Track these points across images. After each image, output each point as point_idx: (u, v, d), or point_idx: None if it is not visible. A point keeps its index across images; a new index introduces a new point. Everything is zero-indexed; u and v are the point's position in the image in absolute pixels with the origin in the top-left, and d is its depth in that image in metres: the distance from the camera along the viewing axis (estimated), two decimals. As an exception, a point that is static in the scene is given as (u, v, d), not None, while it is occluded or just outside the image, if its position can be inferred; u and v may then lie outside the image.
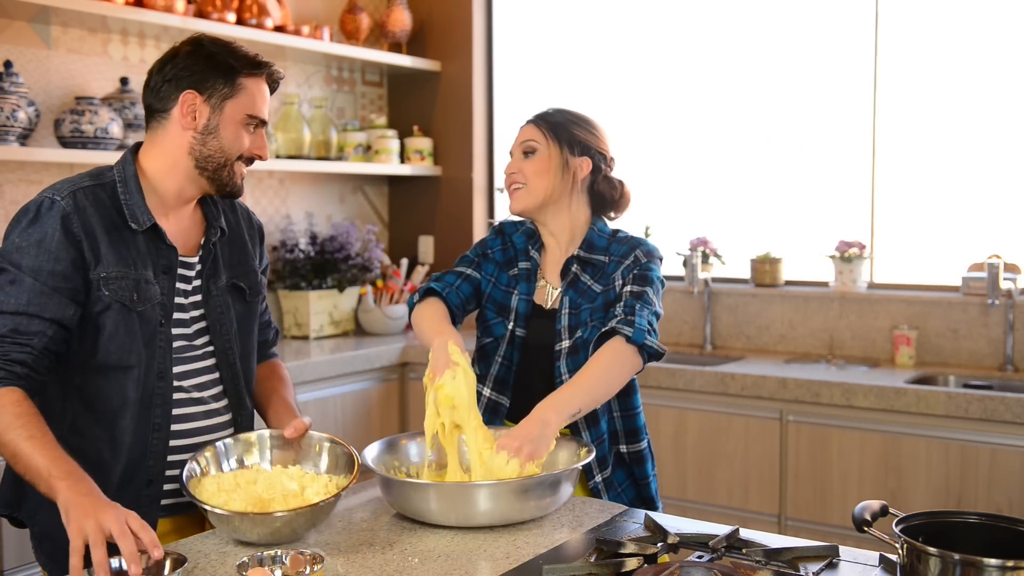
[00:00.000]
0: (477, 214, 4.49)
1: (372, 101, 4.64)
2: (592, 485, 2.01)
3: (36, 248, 1.69)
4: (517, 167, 2.04)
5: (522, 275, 2.09)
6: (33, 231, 1.70)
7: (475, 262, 2.13)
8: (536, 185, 2.01)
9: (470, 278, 2.10)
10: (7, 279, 1.69)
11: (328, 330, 4.12)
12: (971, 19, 3.58)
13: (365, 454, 1.83)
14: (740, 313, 3.94)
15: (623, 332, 1.88)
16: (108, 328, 1.73)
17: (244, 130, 1.84)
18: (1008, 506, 2.91)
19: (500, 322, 2.06)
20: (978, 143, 3.60)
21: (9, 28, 3.22)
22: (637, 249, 2.03)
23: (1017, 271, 3.42)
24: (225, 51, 1.83)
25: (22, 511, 1.81)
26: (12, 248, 1.71)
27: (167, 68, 1.82)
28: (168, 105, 1.82)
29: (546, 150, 2.02)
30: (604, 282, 2.02)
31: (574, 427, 1.99)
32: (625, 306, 1.94)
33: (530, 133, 2.04)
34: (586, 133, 2.04)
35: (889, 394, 3.09)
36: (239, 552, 1.57)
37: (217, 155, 1.83)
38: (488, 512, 1.65)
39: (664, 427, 3.46)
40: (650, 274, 2.01)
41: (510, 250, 2.13)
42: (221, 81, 1.81)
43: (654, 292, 1.98)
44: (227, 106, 1.82)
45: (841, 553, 1.55)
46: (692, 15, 4.12)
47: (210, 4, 3.59)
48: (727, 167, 4.09)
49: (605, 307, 2.00)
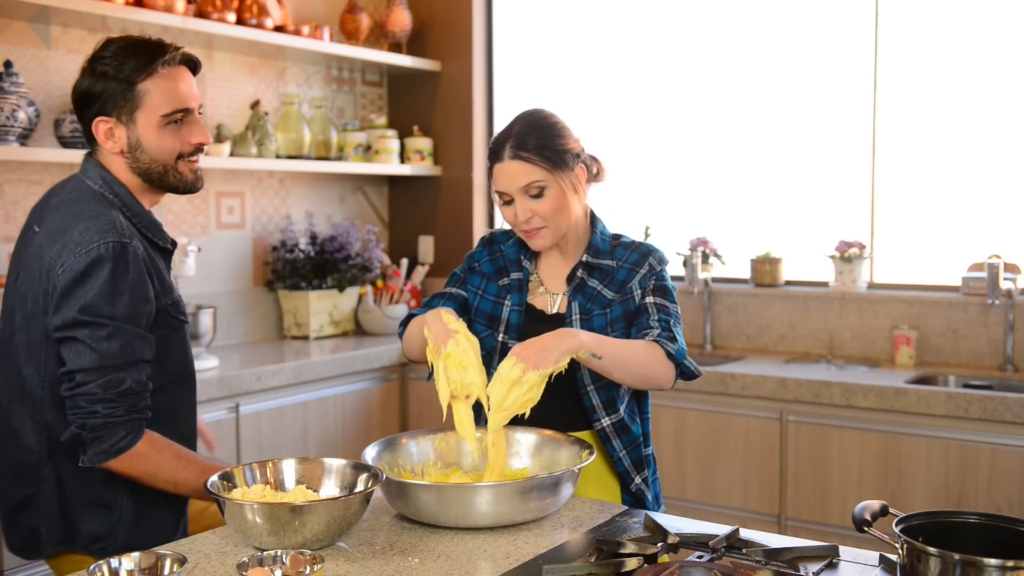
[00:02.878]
0: (477, 214, 4.49)
1: (372, 101, 4.64)
2: (635, 488, 2.00)
3: (128, 295, 1.74)
4: (530, 211, 1.92)
5: (513, 285, 2.05)
6: (118, 280, 1.73)
7: (461, 279, 2.10)
8: (559, 222, 1.95)
9: (454, 296, 2.07)
10: (104, 333, 1.72)
11: (328, 330, 4.12)
12: (971, 19, 3.58)
13: (364, 454, 1.83)
14: (740, 313, 3.94)
15: (667, 348, 1.87)
16: (176, 346, 1.86)
17: (166, 131, 1.83)
18: (1008, 506, 2.91)
19: (490, 334, 2.02)
20: (978, 143, 3.59)
21: (9, 28, 3.22)
22: (650, 257, 2.01)
23: (1017, 271, 3.42)
24: (115, 62, 1.79)
25: (75, 544, 1.87)
26: (100, 300, 1.72)
27: (78, 98, 1.83)
28: (89, 133, 1.85)
29: (554, 183, 1.92)
30: (616, 288, 2.00)
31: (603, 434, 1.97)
32: (660, 321, 1.92)
33: (527, 173, 1.90)
34: (565, 139, 1.95)
35: (889, 394, 3.09)
36: (239, 552, 1.57)
37: (154, 165, 1.84)
38: (489, 513, 1.65)
39: (664, 427, 3.46)
40: (667, 284, 2.01)
41: (500, 260, 2.09)
42: (120, 96, 1.79)
43: (673, 304, 1.98)
44: (138, 118, 1.81)
45: (841, 553, 1.55)
46: (692, 15, 4.12)
47: (210, 4, 3.59)
48: (727, 167, 4.09)
49: (626, 317, 1.98)
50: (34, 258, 1.81)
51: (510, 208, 1.95)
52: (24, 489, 1.86)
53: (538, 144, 1.91)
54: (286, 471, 1.75)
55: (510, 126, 1.97)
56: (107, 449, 1.75)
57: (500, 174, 1.94)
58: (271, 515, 1.52)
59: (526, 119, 1.96)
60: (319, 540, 1.55)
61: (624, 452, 2.00)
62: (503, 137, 1.95)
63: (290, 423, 3.44)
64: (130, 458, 1.77)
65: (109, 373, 1.73)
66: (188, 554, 1.55)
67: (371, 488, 1.61)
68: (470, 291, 2.08)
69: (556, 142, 1.93)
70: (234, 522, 1.56)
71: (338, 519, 1.55)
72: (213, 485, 1.63)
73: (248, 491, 1.68)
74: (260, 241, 4.10)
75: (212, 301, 3.81)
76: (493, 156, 1.96)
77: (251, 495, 1.66)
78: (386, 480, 1.70)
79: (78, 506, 1.85)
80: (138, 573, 1.37)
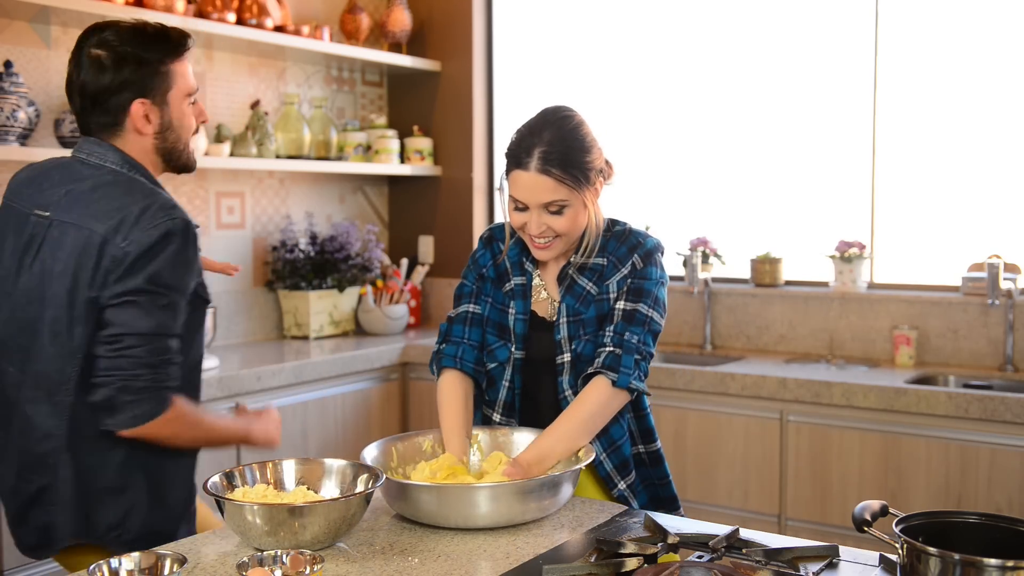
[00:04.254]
0: (477, 214, 4.49)
1: (372, 101, 4.64)
2: (617, 494, 1.96)
3: (185, 269, 1.84)
4: (545, 225, 1.86)
5: (517, 291, 1.99)
6: (181, 255, 1.83)
7: (475, 292, 2.03)
8: (571, 236, 1.90)
9: (475, 318, 2.01)
10: (163, 303, 1.81)
11: (328, 330, 4.12)
12: (971, 19, 3.58)
13: (364, 455, 1.83)
14: (740, 313, 3.94)
15: (608, 377, 1.84)
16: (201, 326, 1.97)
17: (190, 110, 1.96)
18: (1008, 506, 2.91)
19: (502, 345, 1.98)
20: (978, 144, 3.59)
21: (9, 28, 3.22)
22: (635, 253, 1.93)
23: (1017, 271, 3.42)
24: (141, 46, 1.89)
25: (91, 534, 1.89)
26: (167, 271, 1.81)
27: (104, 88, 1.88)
28: (118, 119, 1.91)
29: (577, 201, 1.85)
30: (600, 285, 1.94)
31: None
32: (614, 335, 1.87)
33: (552, 190, 1.82)
34: (593, 154, 1.87)
35: (889, 394, 3.09)
36: (239, 552, 1.57)
37: (179, 144, 1.96)
38: (489, 514, 1.65)
39: (664, 427, 3.46)
40: (646, 284, 1.91)
41: (501, 264, 2.03)
42: (159, 78, 1.90)
43: (650, 304, 1.90)
44: (170, 98, 1.92)
45: (841, 553, 1.55)
46: (692, 15, 4.12)
47: (210, 4, 3.59)
48: (727, 167, 4.09)
49: (598, 320, 1.93)
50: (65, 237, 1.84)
51: (522, 215, 1.87)
52: (38, 480, 1.86)
53: (569, 161, 1.82)
54: (286, 472, 1.75)
55: (538, 130, 1.85)
56: (142, 414, 1.79)
57: (522, 183, 1.84)
58: (271, 516, 1.51)
59: (556, 126, 1.85)
60: (319, 541, 1.55)
61: (605, 455, 1.95)
62: (530, 143, 1.83)
63: (290, 423, 3.43)
64: (166, 422, 1.82)
65: (158, 341, 1.80)
66: (188, 554, 1.55)
67: (371, 489, 1.61)
68: (483, 302, 2.03)
69: (585, 159, 1.85)
70: (233, 523, 1.55)
71: (338, 520, 1.55)
72: (213, 485, 1.63)
73: (250, 491, 1.68)
74: (260, 241, 4.10)
75: (212, 301, 3.80)
76: (515, 160, 1.85)
77: (253, 495, 1.65)
78: (386, 481, 1.70)
79: (95, 492, 1.86)
80: (138, 573, 1.37)
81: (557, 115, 1.88)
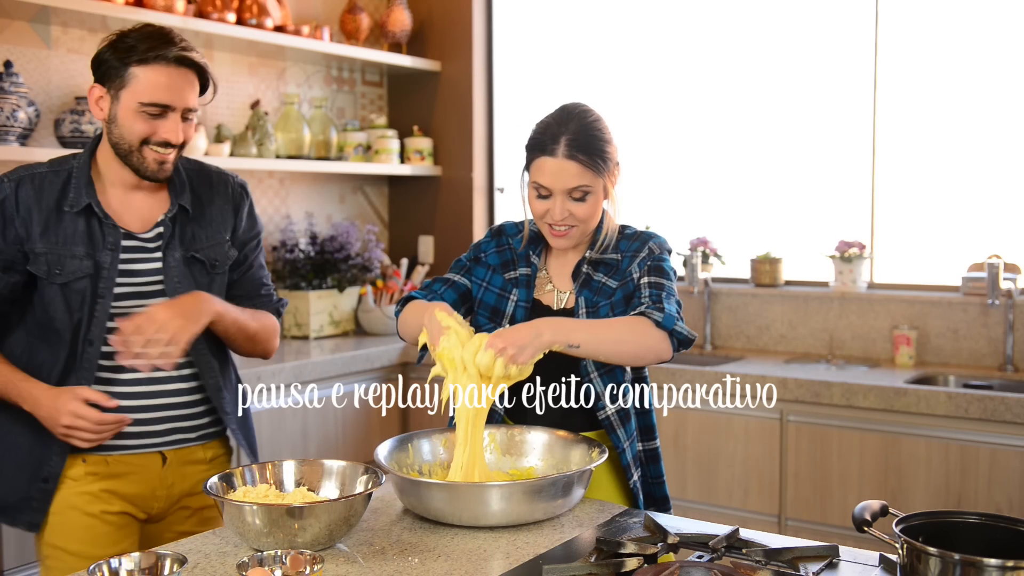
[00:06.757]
0: (477, 214, 4.49)
1: (372, 101, 4.64)
2: (632, 485, 1.97)
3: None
4: (568, 212, 1.91)
5: (521, 280, 2.03)
6: None
7: (466, 267, 2.08)
8: (590, 224, 1.95)
9: (457, 284, 2.05)
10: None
11: (328, 330, 4.12)
12: (971, 19, 3.58)
13: (377, 452, 1.82)
14: (740, 313, 3.94)
15: (652, 316, 1.84)
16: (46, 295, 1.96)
17: (139, 117, 1.95)
18: (1008, 506, 2.91)
19: (493, 327, 1.99)
20: (978, 144, 3.60)
21: (9, 28, 3.22)
22: (649, 242, 2.00)
23: (1017, 271, 3.42)
24: (124, 42, 1.94)
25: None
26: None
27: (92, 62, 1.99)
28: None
29: (599, 189, 1.92)
30: (620, 278, 1.99)
31: (607, 423, 1.95)
32: (651, 295, 1.91)
33: (579, 175, 1.89)
34: (612, 145, 1.95)
35: (889, 394, 3.09)
36: (239, 552, 1.57)
37: (121, 142, 1.97)
38: (499, 512, 1.65)
39: (664, 427, 3.46)
40: (664, 265, 1.98)
41: (507, 252, 2.07)
42: (114, 71, 1.94)
43: (671, 282, 1.96)
44: (122, 96, 1.95)
45: (841, 553, 1.55)
46: (692, 14, 4.12)
47: (210, 4, 3.59)
48: (727, 167, 4.10)
49: (625, 300, 1.97)
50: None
51: (544, 202, 1.92)
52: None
53: (593, 148, 1.89)
54: (286, 472, 1.75)
55: (563, 120, 1.91)
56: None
57: (548, 168, 1.89)
58: (270, 516, 1.51)
59: (579, 117, 1.92)
60: (319, 542, 1.55)
61: (628, 443, 1.97)
62: (556, 131, 1.89)
63: (290, 423, 3.44)
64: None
65: None
66: (188, 554, 1.55)
67: (371, 489, 1.61)
68: (474, 282, 2.06)
69: (606, 148, 1.92)
70: (233, 523, 1.55)
71: (338, 521, 1.55)
72: (212, 486, 1.63)
73: (252, 491, 1.68)
74: (260, 241, 4.10)
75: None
76: (540, 148, 1.90)
77: (255, 495, 1.66)
78: (398, 478, 1.70)
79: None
80: (138, 573, 1.37)
81: (578, 109, 1.96)
